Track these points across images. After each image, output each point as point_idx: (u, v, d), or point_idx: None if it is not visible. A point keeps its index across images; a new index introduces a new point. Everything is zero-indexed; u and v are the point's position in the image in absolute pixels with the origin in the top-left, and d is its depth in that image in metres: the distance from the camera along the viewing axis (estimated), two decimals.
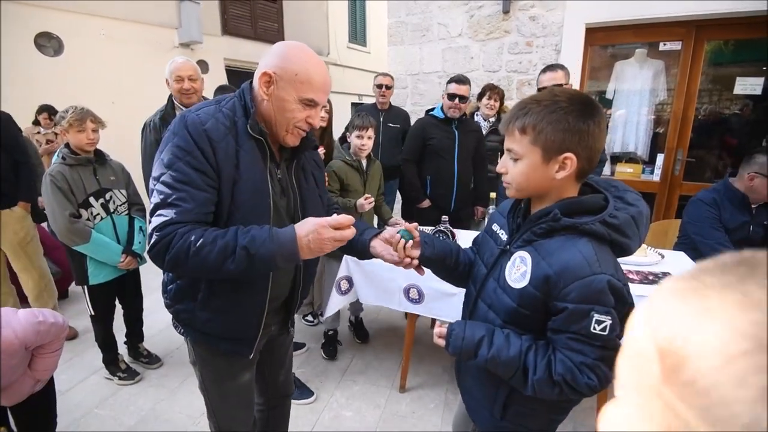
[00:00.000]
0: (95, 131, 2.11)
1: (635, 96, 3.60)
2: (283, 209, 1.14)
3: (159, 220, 0.96)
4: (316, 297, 2.97)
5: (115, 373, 2.33)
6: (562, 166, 0.87)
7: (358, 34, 10.71)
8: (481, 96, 3.14)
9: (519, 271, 0.92)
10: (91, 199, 2.11)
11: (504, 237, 1.04)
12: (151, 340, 2.65)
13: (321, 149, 2.20)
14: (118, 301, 2.39)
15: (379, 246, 1.18)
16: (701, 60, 3.26)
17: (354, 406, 2.16)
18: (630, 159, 3.69)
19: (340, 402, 2.20)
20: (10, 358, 1.29)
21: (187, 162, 0.97)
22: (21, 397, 1.41)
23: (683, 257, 2.10)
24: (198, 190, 0.97)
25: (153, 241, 0.96)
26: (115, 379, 2.32)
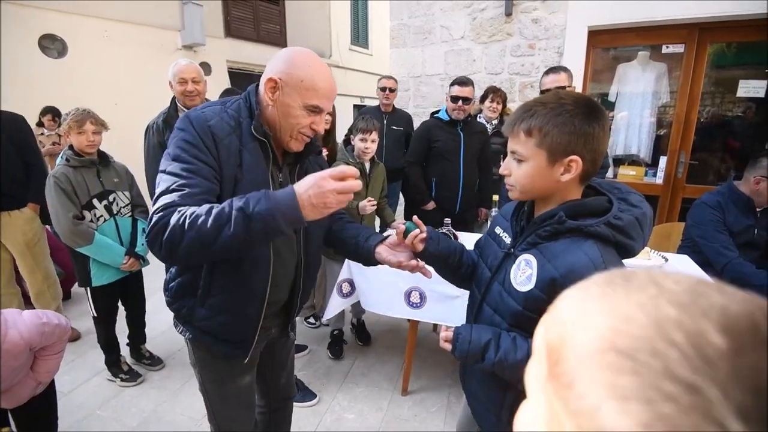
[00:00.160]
0: (96, 133, 2.11)
1: (638, 98, 3.60)
2: None
3: (161, 203, 0.95)
4: (318, 299, 2.96)
5: (117, 375, 2.33)
6: (567, 169, 0.87)
7: (360, 36, 10.74)
8: (483, 98, 3.14)
9: (524, 275, 0.92)
10: (95, 201, 2.12)
11: (507, 240, 1.04)
12: (153, 341, 2.65)
13: (324, 151, 2.20)
14: (120, 303, 2.39)
15: (385, 251, 1.17)
16: (704, 62, 3.26)
17: (356, 409, 2.16)
18: (632, 161, 3.68)
19: (342, 405, 2.19)
20: (14, 360, 1.29)
21: (193, 154, 0.98)
22: (22, 399, 1.41)
23: (687, 260, 2.09)
24: (203, 179, 0.97)
25: (152, 222, 0.93)
26: (118, 380, 2.32)
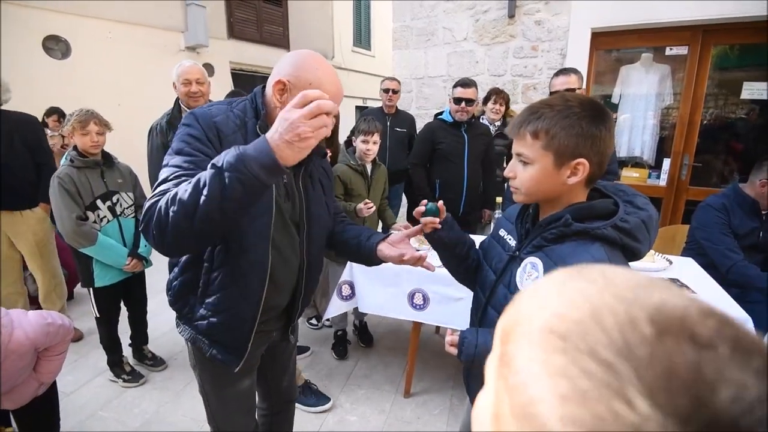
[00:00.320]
0: (100, 134, 2.11)
1: (641, 100, 3.59)
2: (287, 213, 1.13)
3: (156, 190, 0.93)
4: (320, 301, 2.96)
5: (119, 376, 2.33)
6: (573, 172, 0.87)
7: (362, 37, 10.76)
8: (486, 100, 3.14)
9: (531, 278, 0.91)
10: (98, 202, 2.12)
11: (512, 243, 1.03)
12: (155, 342, 2.64)
13: (328, 153, 2.19)
14: (123, 304, 2.39)
15: (387, 249, 1.17)
16: (708, 64, 3.25)
17: (359, 411, 2.15)
18: (636, 164, 3.67)
19: (345, 407, 2.18)
20: (20, 360, 1.29)
21: (196, 147, 0.98)
22: (24, 400, 1.41)
23: (691, 263, 2.08)
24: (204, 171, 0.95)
25: (144, 209, 0.90)
26: (120, 381, 2.32)
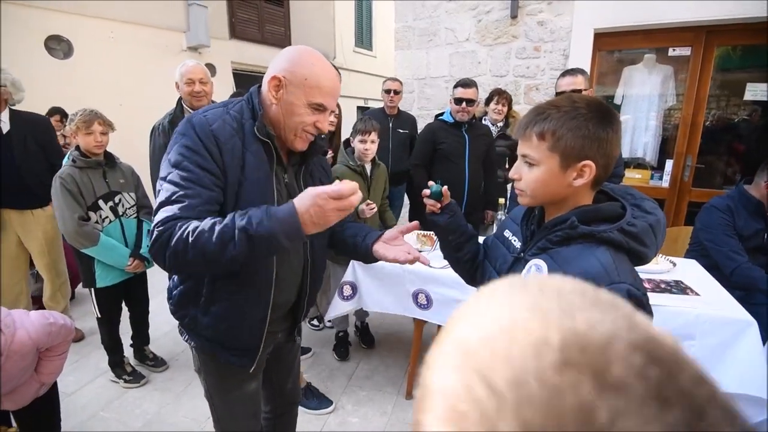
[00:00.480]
0: (104, 134, 2.11)
1: (644, 101, 3.58)
2: None
3: (163, 215, 0.94)
4: (322, 301, 2.95)
5: (120, 376, 2.33)
6: (580, 174, 0.86)
7: (364, 38, 10.75)
8: (488, 101, 3.13)
9: None
10: (100, 202, 2.12)
11: (517, 244, 1.02)
12: (157, 342, 2.64)
13: (329, 153, 2.19)
14: (124, 304, 2.39)
15: (381, 248, 1.17)
16: (711, 65, 3.24)
17: (360, 413, 2.14)
18: (638, 164, 3.66)
19: (347, 408, 2.18)
20: (22, 360, 1.28)
21: (194, 161, 0.96)
22: (26, 401, 1.41)
23: (695, 265, 2.07)
24: (204, 188, 0.96)
25: (154, 236, 0.94)
26: (121, 381, 2.32)
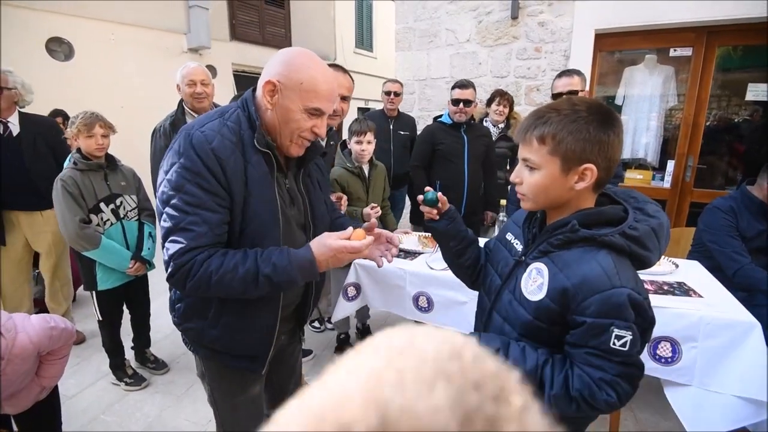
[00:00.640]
0: (105, 137, 2.11)
1: (645, 102, 3.57)
2: (294, 219, 1.12)
3: (175, 247, 0.94)
4: (322, 303, 2.95)
5: (121, 379, 2.32)
6: (581, 177, 0.86)
7: (364, 39, 10.76)
8: (490, 102, 3.12)
9: (535, 283, 0.90)
10: (102, 205, 2.11)
11: (519, 247, 1.02)
12: (158, 344, 2.64)
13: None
14: (125, 306, 2.38)
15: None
16: (712, 66, 3.23)
17: None
18: (640, 165, 3.65)
19: None
20: (23, 364, 1.28)
21: (197, 184, 0.94)
22: (27, 405, 1.41)
23: (698, 266, 2.05)
24: (210, 212, 0.96)
25: (171, 270, 0.96)
26: (122, 384, 2.31)
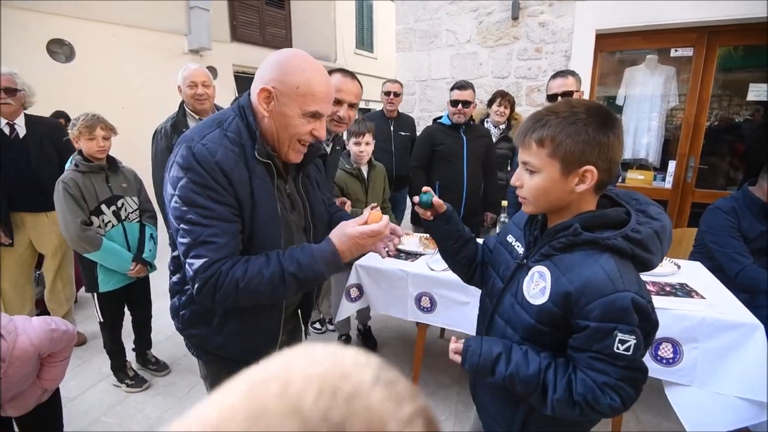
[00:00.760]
0: (106, 138, 2.10)
1: (646, 102, 3.56)
2: (294, 223, 1.12)
3: (199, 262, 0.94)
4: (323, 304, 2.95)
5: (123, 380, 2.32)
6: (581, 179, 0.85)
7: (365, 40, 10.77)
8: (491, 103, 3.12)
9: (538, 287, 0.90)
10: (103, 207, 2.11)
11: (520, 250, 1.02)
12: (159, 346, 2.64)
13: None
14: (126, 308, 2.38)
15: None
16: (713, 66, 3.22)
17: None
18: (641, 166, 3.64)
19: None
20: (24, 366, 1.28)
21: (209, 196, 0.94)
22: (28, 407, 1.41)
23: (700, 267, 2.05)
24: (227, 223, 0.96)
25: (198, 285, 0.95)
26: (123, 386, 2.31)
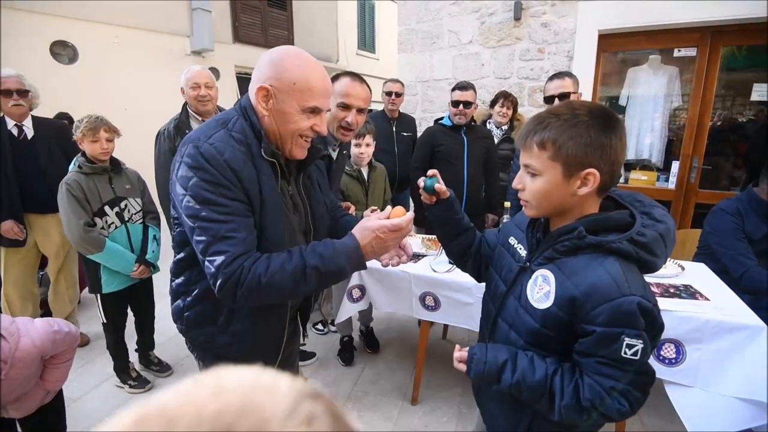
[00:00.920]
0: (109, 141, 2.11)
1: (649, 102, 3.55)
2: (296, 224, 1.12)
3: (219, 258, 0.93)
4: (325, 307, 2.95)
5: (126, 381, 2.33)
6: (584, 182, 0.84)
7: (367, 40, 10.77)
8: (493, 103, 3.12)
9: (542, 291, 0.89)
10: (106, 208, 2.12)
11: (523, 252, 1.01)
12: (161, 347, 2.64)
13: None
14: (129, 309, 2.39)
15: None
16: (717, 66, 3.20)
17: (366, 418, 2.13)
18: (644, 166, 3.63)
19: (352, 414, 2.16)
20: (27, 368, 1.28)
21: (222, 194, 0.94)
22: (31, 409, 1.41)
23: (704, 269, 2.04)
24: (243, 217, 0.96)
25: (221, 281, 0.93)
26: (126, 387, 2.32)
